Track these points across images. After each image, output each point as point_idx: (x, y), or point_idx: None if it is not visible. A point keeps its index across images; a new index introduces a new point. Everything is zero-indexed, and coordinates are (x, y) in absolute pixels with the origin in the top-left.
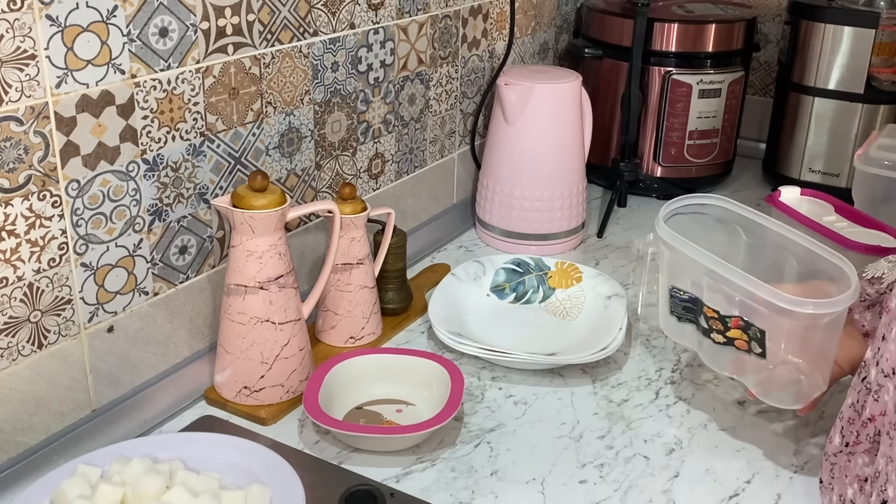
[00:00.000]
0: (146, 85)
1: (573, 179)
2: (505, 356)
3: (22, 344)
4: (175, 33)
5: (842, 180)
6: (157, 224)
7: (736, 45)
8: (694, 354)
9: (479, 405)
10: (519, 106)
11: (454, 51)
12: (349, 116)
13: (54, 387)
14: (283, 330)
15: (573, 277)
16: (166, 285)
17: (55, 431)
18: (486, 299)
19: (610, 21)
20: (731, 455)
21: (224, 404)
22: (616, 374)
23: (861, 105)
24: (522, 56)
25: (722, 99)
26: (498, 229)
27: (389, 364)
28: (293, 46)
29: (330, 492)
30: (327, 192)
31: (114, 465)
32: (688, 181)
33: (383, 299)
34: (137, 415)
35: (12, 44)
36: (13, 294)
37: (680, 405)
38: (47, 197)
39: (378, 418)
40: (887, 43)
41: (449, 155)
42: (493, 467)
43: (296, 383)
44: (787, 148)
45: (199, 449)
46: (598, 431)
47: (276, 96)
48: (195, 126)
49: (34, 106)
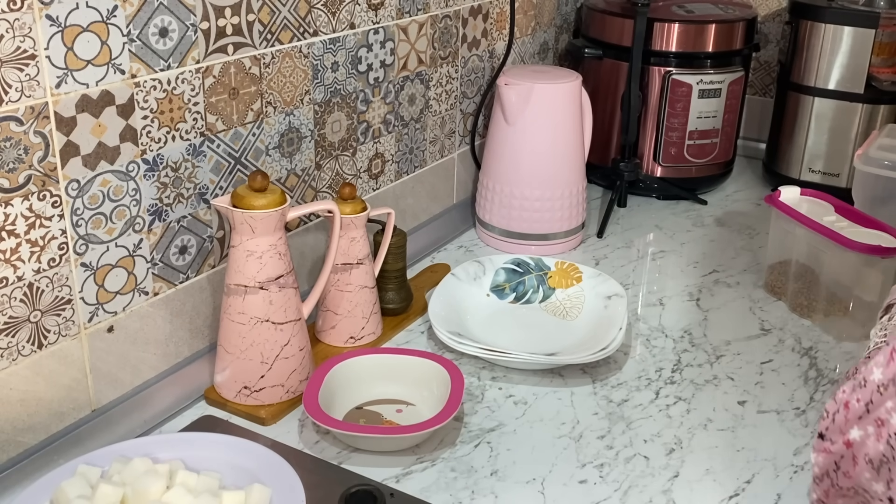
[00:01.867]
0: (146, 85)
1: (573, 179)
2: (505, 356)
3: (22, 344)
4: (175, 33)
5: (842, 180)
6: (157, 224)
7: (736, 45)
8: (694, 354)
9: (479, 405)
10: (519, 106)
11: (454, 51)
12: (349, 116)
13: (54, 387)
14: (283, 330)
15: (573, 277)
16: (166, 285)
17: (55, 431)
18: (486, 299)
19: (610, 21)
20: (731, 455)
21: (224, 404)
22: (616, 374)
23: (861, 105)
24: (522, 56)
25: (722, 99)
26: (498, 229)
27: (389, 364)
28: (293, 46)
29: (330, 492)
30: (327, 192)
31: (114, 465)
32: (688, 181)
33: (383, 299)
34: (137, 415)
35: (12, 44)
36: (13, 294)
37: (680, 405)
38: (47, 197)
39: (378, 418)
40: (887, 43)
41: (449, 155)
42: (493, 467)
43: (296, 383)
44: (787, 148)
45: (199, 449)
46: (598, 431)
47: (276, 96)
48: (195, 126)
49: (34, 106)
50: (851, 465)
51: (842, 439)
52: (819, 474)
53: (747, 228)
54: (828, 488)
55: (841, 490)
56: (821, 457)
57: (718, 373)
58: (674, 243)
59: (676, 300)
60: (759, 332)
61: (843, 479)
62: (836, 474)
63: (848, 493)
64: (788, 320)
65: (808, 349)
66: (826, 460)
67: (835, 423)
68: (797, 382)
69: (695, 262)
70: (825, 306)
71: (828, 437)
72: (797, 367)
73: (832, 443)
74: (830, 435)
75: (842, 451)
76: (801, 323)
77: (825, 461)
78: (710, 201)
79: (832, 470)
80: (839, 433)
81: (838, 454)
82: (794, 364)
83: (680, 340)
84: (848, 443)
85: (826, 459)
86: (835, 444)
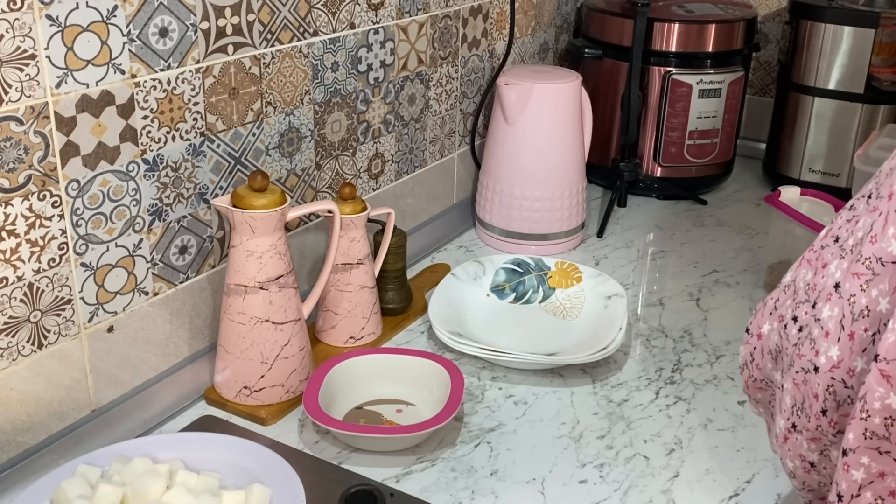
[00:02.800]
0: (146, 85)
1: (573, 179)
2: (505, 356)
3: (22, 344)
4: (175, 33)
5: (842, 180)
6: (157, 224)
7: (736, 45)
8: (694, 354)
9: (479, 405)
10: (519, 106)
11: (454, 51)
12: (349, 116)
13: (54, 387)
14: (283, 330)
15: (573, 277)
16: (166, 285)
17: (55, 431)
18: (486, 299)
19: (610, 21)
20: (731, 455)
21: (224, 404)
22: (616, 374)
23: (861, 105)
24: (522, 56)
25: (722, 99)
26: (498, 229)
27: (389, 364)
28: (293, 46)
29: (330, 492)
30: (327, 192)
31: (114, 465)
32: (688, 181)
33: (383, 299)
34: (137, 415)
35: (12, 44)
36: (13, 294)
37: (680, 405)
38: (47, 197)
39: (378, 418)
40: (887, 43)
41: (449, 155)
42: (493, 467)
43: (296, 383)
44: (787, 148)
45: (199, 449)
46: (598, 431)
47: (276, 96)
48: (195, 126)
49: (34, 106)
50: (761, 357)
51: (756, 332)
52: (741, 364)
53: (747, 228)
54: (747, 378)
55: (756, 382)
56: (743, 349)
57: (718, 373)
58: (674, 243)
59: (676, 300)
60: None
61: (756, 371)
62: (752, 366)
63: (761, 385)
64: None
65: None
66: (745, 352)
67: (756, 319)
68: None
69: (695, 262)
70: None
71: (750, 332)
72: None
73: (751, 336)
74: (752, 329)
75: (756, 343)
76: None
77: (745, 353)
78: (710, 201)
79: (749, 361)
80: (756, 327)
81: (753, 346)
82: None
83: (680, 340)
84: (759, 335)
85: (745, 351)
86: (752, 337)
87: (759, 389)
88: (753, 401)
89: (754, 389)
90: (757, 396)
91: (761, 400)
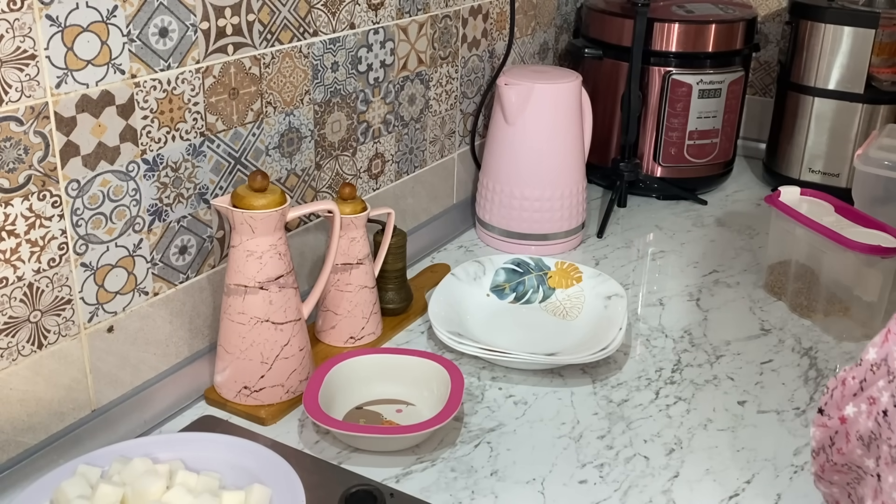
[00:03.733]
0: (146, 85)
1: (573, 179)
2: (505, 356)
3: (22, 344)
4: (175, 33)
5: (842, 180)
6: (157, 224)
7: (736, 45)
8: (694, 354)
9: (479, 405)
10: (519, 106)
11: (454, 51)
12: (349, 116)
13: (54, 387)
14: (283, 330)
15: (573, 277)
16: (166, 285)
17: (55, 431)
18: (486, 299)
19: (610, 21)
20: (731, 455)
21: (224, 404)
22: (616, 374)
23: (861, 105)
24: (522, 56)
25: (722, 99)
26: (498, 229)
27: (389, 364)
28: (293, 46)
29: (330, 492)
30: (327, 192)
31: (114, 465)
32: (688, 181)
33: (383, 299)
34: (137, 415)
35: (12, 44)
36: (13, 294)
37: (680, 405)
38: (47, 197)
39: (378, 418)
40: (887, 43)
41: (449, 155)
42: (493, 467)
43: (296, 383)
44: (787, 148)
45: (199, 449)
46: (597, 431)
47: (276, 96)
48: (195, 126)
49: (34, 106)
50: (845, 441)
51: (837, 415)
52: (816, 448)
53: (747, 228)
54: (823, 463)
55: (835, 466)
56: (818, 431)
57: (718, 373)
58: (674, 243)
59: (676, 300)
60: (759, 333)
61: (837, 455)
62: (831, 450)
63: (842, 468)
64: (788, 320)
65: (808, 349)
66: (823, 435)
67: (832, 400)
68: (797, 382)
69: (695, 262)
70: (825, 306)
71: (826, 413)
72: (797, 367)
73: (829, 418)
74: (828, 410)
75: (837, 426)
76: (801, 323)
77: (822, 436)
78: (710, 201)
79: (828, 445)
80: (836, 409)
81: (833, 429)
82: (794, 364)
83: (680, 340)
84: (843, 419)
85: (823, 434)
86: (831, 419)
87: (839, 472)
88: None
89: (831, 472)
90: (833, 479)
91: (837, 482)
